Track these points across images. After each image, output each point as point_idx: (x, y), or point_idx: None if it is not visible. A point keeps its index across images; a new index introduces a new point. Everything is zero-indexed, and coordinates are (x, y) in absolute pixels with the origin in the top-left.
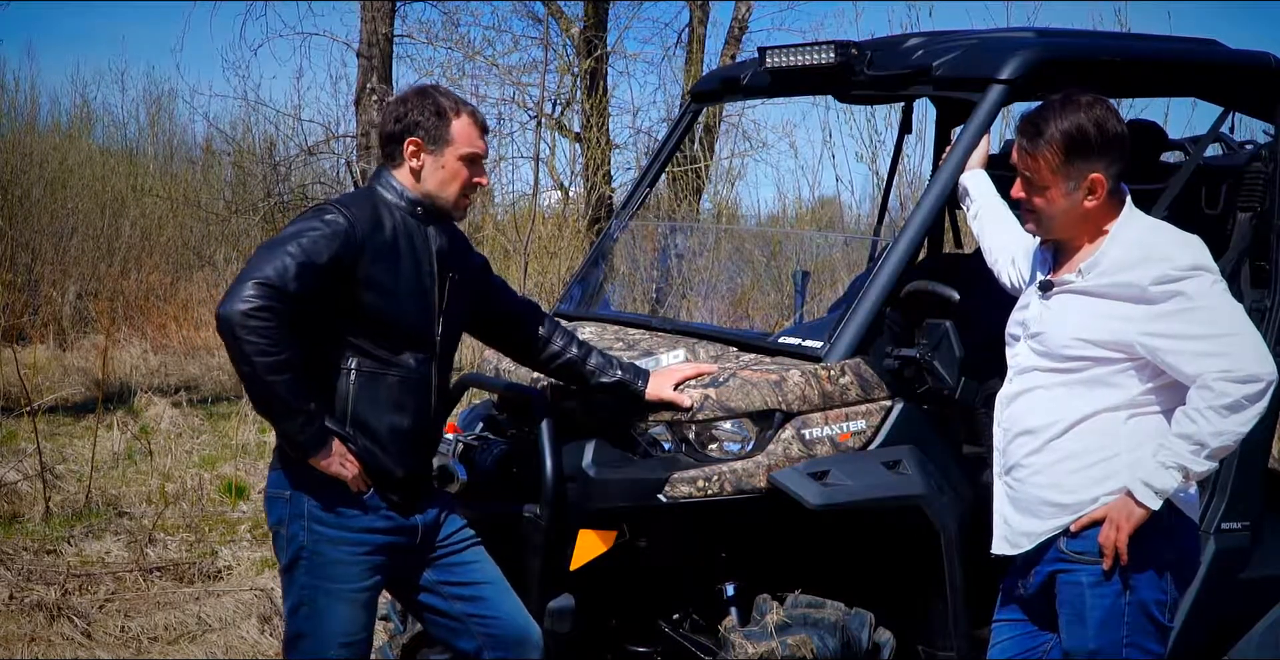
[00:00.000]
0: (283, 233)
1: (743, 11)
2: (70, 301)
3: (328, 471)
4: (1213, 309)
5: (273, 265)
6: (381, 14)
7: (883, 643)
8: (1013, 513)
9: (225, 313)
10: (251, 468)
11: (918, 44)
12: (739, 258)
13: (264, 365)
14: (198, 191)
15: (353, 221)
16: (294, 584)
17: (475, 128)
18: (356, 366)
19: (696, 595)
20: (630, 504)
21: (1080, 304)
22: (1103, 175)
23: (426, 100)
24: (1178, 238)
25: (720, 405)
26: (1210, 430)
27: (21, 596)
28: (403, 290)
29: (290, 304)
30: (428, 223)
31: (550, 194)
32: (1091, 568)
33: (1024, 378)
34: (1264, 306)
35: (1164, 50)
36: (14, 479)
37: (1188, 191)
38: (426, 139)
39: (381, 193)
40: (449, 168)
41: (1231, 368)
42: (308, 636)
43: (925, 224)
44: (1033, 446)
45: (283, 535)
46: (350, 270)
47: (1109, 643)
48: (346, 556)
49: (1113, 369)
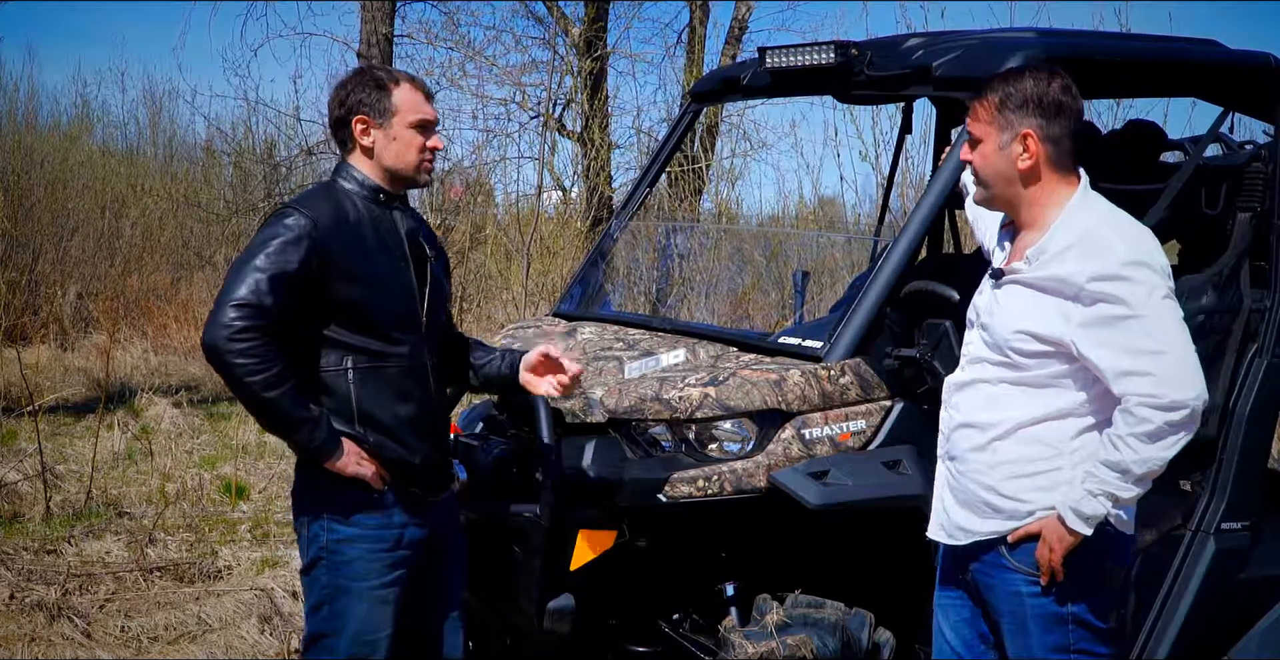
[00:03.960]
0: (249, 247)
1: (743, 11)
2: (71, 301)
3: (345, 472)
4: (1145, 319)
5: (245, 284)
6: (381, 14)
7: (883, 643)
8: (952, 501)
9: (210, 340)
10: (251, 468)
11: (918, 44)
12: (739, 258)
13: (259, 383)
14: (198, 191)
15: (314, 220)
16: (315, 583)
17: (418, 93)
18: (352, 364)
19: (696, 595)
20: (630, 504)
21: (1025, 296)
22: (1036, 134)
23: (364, 77)
24: (1126, 228)
25: (720, 404)
26: (1134, 458)
27: (21, 596)
28: (379, 277)
29: (272, 318)
30: (391, 207)
31: (551, 194)
32: (1027, 577)
33: (974, 368)
34: (1264, 306)
35: (1164, 50)
36: (14, 479)
37: (1188, 191)
38: (372, 113)
39: (341, 184)
40: (401, 137)
41: (1154, 393)
42: (328, 636)
43: (925, 224)
44: (976, 442)
45: (304, 535)
46: (323, 267)
47: (1053, 650)
48: (366, 554)
49: (1060, 370)
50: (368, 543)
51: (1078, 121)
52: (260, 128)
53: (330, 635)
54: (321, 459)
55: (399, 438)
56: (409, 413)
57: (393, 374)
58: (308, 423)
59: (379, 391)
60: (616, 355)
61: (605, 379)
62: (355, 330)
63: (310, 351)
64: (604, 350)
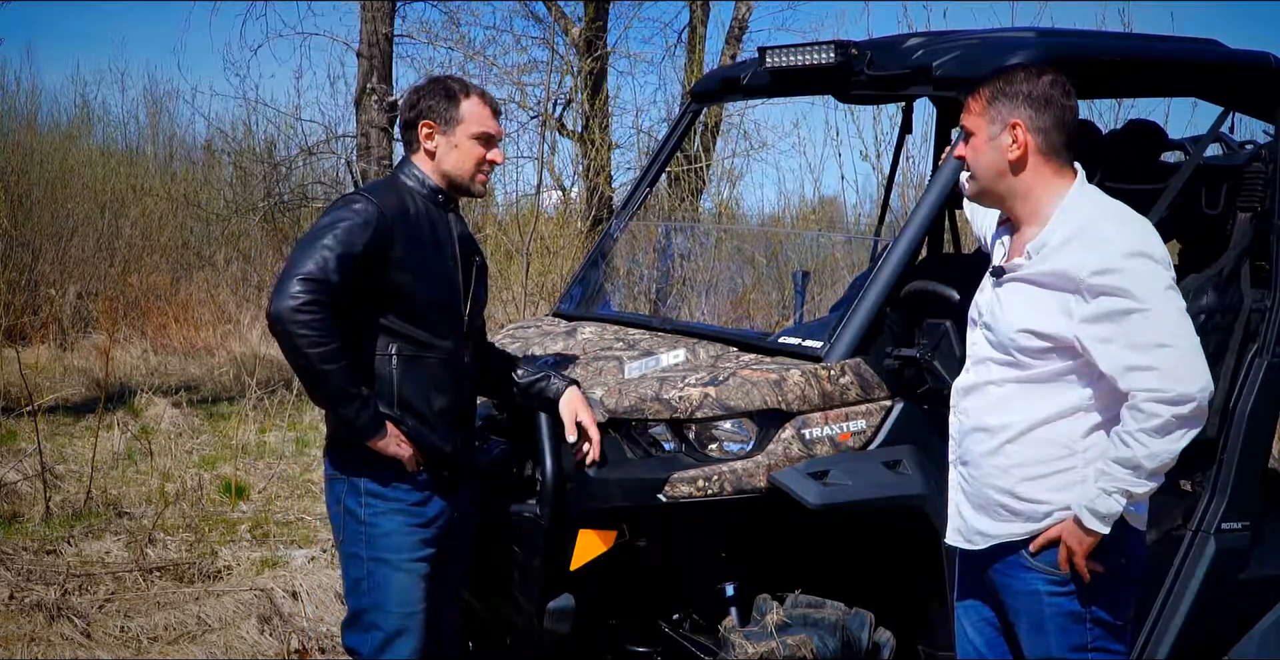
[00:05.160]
0: (316, 226)
1: (743, 11)
2: (71, 301)
3: (385, 452)
4: (1149, 313)
5: (313, 260)
6: (381, 14)
7: (883, 643)
8: (967, 506)
9: (277, 310)
10: (251, 468)
11: (917, 44)
12: (739, 258)
13: (318, 356)
14: (198, 191)
15: (381, 208)
16: (354, 559)
17: (485, 108)
18: (397, 352)
19: (696, 595)
20: (630, 504)
21: (1027, 293)
22: (1024, 124)
23: (437, 86)
24: (1126, 219)
25: (720, 404)
26: (1144, 453)
27: (21, 596)
28: (431, 272)
29: (334, 295)
30: (447, 210)
31: (551, 194)
32: (1048, 577)
33: (980, 369)
34: (1264, 306)
35: (1164, 50)
36: (14, 479)
37: (1188, 191)
38: (439, 120)
39: (404, 180)
40: (462, 146)
41: (1160, 387)
42: (368, 609)
43: (925, 224)
44: (989, 446)
45: (339, 513)
46: (384, 254)
47: (1071, 649)
48: (402, 527)
49: (1066, 365)
50: (403, 516)
51: (1071, 117)
52: (260, 128)
53: (372, 610)
54: (365, 436)
55: (433, 426)
56: (444, 404)
57: (433, 365)
58: (357, 399)
59: (419, 381)
60: (616, 355)
61: (605, 379)
62: (403, 319)
63: (360, 335)
64: (604, 350)
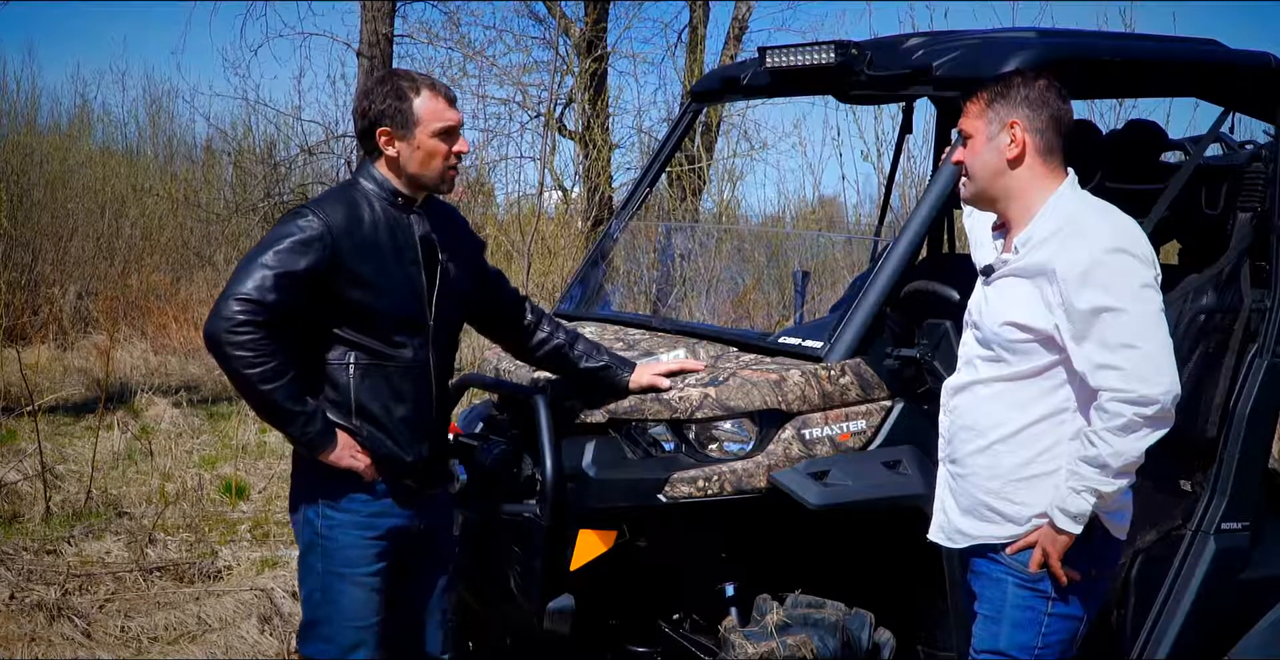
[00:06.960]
0: (261, 242)
1: (743, 11)
2: (71, 301)
3: (339, 465)
4: (1122, 312)
5: (251, 279)
6: (381, 14)
7: (883, 643)
8: (953, 506)
9: (211, 331)
10: (251, 468)
11: (918, 44)
12: (739, 258)
13: (256, 376)
14: (198, 191)
15: (328, 223)
16: (310, 570)
17: (439, 99)
18: (354, 360)
19: (696, 595)
20: (630, 504)
21: (1012, 287)
22: (1022, 123)
23: (385, 87)
24: (1110, 216)
25: (720, 404)
26: (1109, 452)
27: (21, 596)
28: (387, 282)
29: (272, 315)
30: (409, 210)
31: (551, 194)
32: (1019, 575)
33: (968, 369)
34: (1264, 306)
35: (1164, 50)
36: (14, 479)
37: (1188, 191)
38: (394, 125)
39: (363, 184)
40: (424, 147)
41: (1123, 387)
42: (321, 622)
43: (925, 224)
44: (977, 445)
45: (299, 522)
46: (331, 270)
47: (1019, 647)
48: (358, 541)
49: (1048, 360)
50: (359, 530)
51: (1066, 119)
52: (260, 128)
53: (324, 622)
54: (314, 451)
55: (393, 435)
56: (404, 413)
57: (392, 373)
58: (301, 416)
59: (377, 389)
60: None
61: None
62: (357, 329)
63: (316, 343)
64: None
